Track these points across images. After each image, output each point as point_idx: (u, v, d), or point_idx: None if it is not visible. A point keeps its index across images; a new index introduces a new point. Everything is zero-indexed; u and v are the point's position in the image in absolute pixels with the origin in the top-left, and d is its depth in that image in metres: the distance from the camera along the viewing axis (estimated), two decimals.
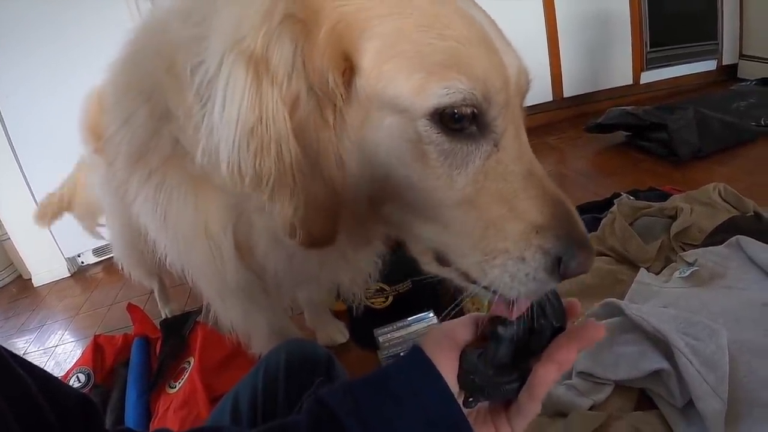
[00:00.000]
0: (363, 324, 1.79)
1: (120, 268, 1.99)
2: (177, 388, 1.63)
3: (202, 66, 0.72)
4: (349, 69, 0.68)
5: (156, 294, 2.24)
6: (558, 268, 0.66)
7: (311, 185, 0.71)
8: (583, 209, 2.29)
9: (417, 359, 0.64)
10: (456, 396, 0.63)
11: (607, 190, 2.41)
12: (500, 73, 0.68)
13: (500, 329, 0.64)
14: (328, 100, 0.68)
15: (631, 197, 2.22)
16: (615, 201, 2.16)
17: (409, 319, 1.65)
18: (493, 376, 0.64)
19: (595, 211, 2.22)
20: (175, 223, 1.00)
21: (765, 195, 2.14)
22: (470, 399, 0.64)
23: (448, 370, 0.64)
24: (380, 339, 1.61)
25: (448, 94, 0.64)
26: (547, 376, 0.60)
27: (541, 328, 0.64)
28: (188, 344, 1.80)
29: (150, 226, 1.09)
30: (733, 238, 1.69)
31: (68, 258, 3.12)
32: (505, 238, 0.67)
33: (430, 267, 0.82)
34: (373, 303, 1.82)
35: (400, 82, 0.66)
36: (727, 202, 2.05)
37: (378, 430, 0.61)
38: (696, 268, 1.59)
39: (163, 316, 2.21)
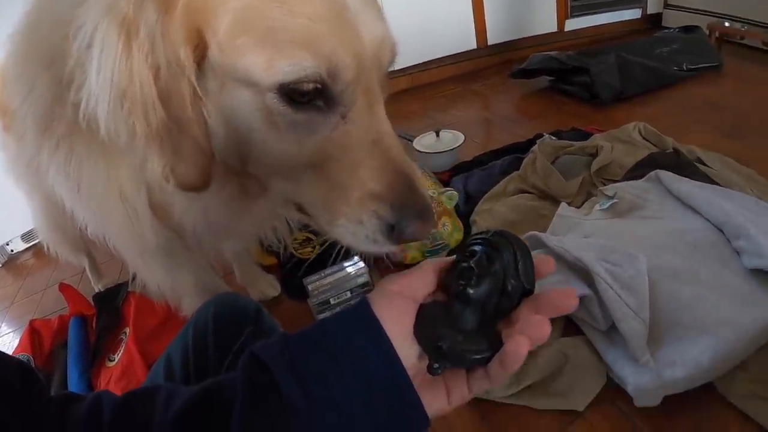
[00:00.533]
0: (293, 275, 1.76)
1: (47, 249, 1.88)
2: (116, 360, 1.60)
3: (81, 30, 0.72)
4: (202, 43, 0.70)
5: (87, 271, 2.14)
6: (392, 233, 0.71)
7: (179, 143, 0.74)
8: (505, 150, 2.32)
9: (360, 315, 0.58)
10: (405, 358, 0.56)
11: (530, 132, 2.42)
12: (350, 49, 0.69)
13: (470, 291, 0.58)
14: (182, 73, 0.70)
15: (554, 137, 2.22)
16: (537, 141, 2.15)
17: (335, 265, 1.63)
18: (462, 343, 0.57)
19: (517, 151, 2.23)
20: (88, 191, 0.98)
21: (684, 133, 2.20)
22: (436, 366, 0.57)
23: (398, 330, 0.57)
24: (309, 287, 1.58)
25: (292, 71, 0.66)
26: (521, 350, 0.54)
27: (512, 290, 0.58)
28: (123, 315, 1.75)
29: (66, 198, 1.06)
30: (653, 173, 1.71)
31: None
32: (346, 202, 0.73)
33: (293, 214, 0.92)
34: (301, 254, 1.79)
35: (251, 57, 0.68)
36: (647, 140, 2.08)
37: (314, 390, 0.55)
38: (615, 200, 1.60)
39: (97, 291, 2.11)
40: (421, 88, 3.39)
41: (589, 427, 1.18)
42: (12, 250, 2.92)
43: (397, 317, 0.57)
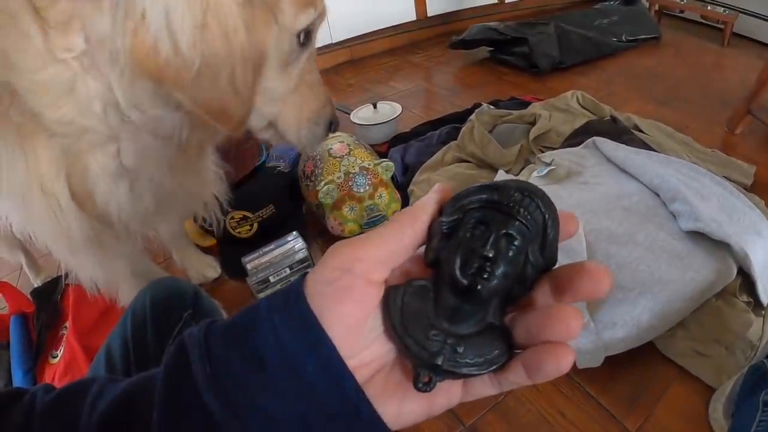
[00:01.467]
0: (232, 255, 1.70)
1: None
2: (58, 357, 1.52)
3: None
4: None
5: (25, 267, 2.01)
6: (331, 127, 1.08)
7: (245, 76, 0.82)
8: (443, 120, 2.29)
9: (292, 310, 0.41)
10: (360, 357, 0.42)
11: (469, 102, 2.40)
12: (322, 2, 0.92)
13: (479, 284, 0.39)
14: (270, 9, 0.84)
15: (492, 107, 2.19)
16: (475, 111, 2.12)
17: (273, 242, 1.58)
18: (465, 352, 0.41)
19: (455, 121, 2.20)
20: (8, 187, 0.95)
21: (622, 102, 2.24)
22: (425, 382, 0.40)
23: (347, 325, 0.40)
24: (248, 266, 1.54)
25: (305, 22, 0.89)
26: (563, 364, 0.38)
27: (532, 273, 0.41)
28: (62, 309, 1.66)
29: None
30: (590, 140, 1.70)
31: None
32: (311, 112, 1.02)
33: (264, 134, 1.04)
34: (239, 233, 1.73)
35: (291, 14, 0.87)
36: (585, 108, 2.08)
37: (237, 400, 0.41)
38: (553, 167, 1.58)
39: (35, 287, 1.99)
40: (360, 61, 3.32)
41: (533, 389, 1.18)
42: None
43: (345, 310, 0.40)
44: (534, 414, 1.14)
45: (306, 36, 0.91)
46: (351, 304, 0.40)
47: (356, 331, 0.40)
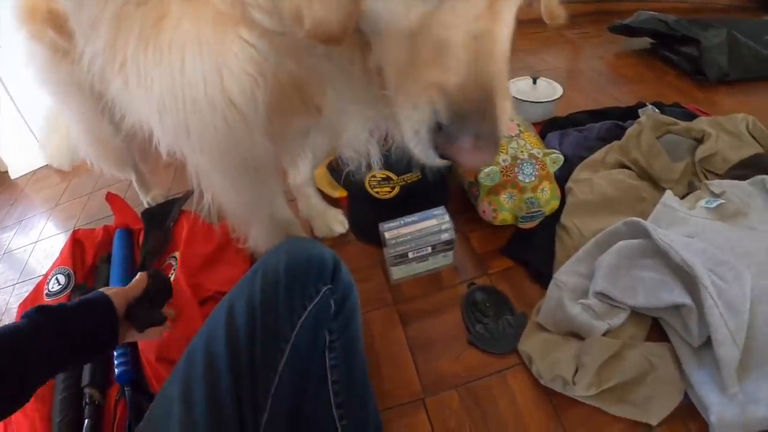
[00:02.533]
0: (365, 214, 1.66)
1: (89, 164, 1.79)
2: None
3: None
4: None
5: (135, 184, 2.05)
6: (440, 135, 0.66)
7: None
8: (603, 113, 2.20)
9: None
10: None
11: (625, 95, 2.31)
12: None
13: None
14: None
15: (656, 110, 2.09)
16: (640, 111, 2.04)
17: (417, 214, 1.50)
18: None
19: (616, 117, 2.10)
20: (185, 91, 0.85)
21: None
22: None
23: None
24: (386, 234, 1.45)
25: None
26: None
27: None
28: (173, 237, 1.65)
29: (138, 100, 0.94)
30: (759, 177, 1.60)
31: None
32: (414, 81, 0.67)
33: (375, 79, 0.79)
34: (377, 192, 1.68)
35: None
36: (754, 137, 1.95)
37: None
38: (722, 201, 1.50)
39: (145, 206, 2.03)
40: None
41: None
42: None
43: None
44: None
45: None
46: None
47: None
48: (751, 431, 1.10)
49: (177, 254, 1.54)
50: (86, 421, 1.15)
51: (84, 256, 1.66)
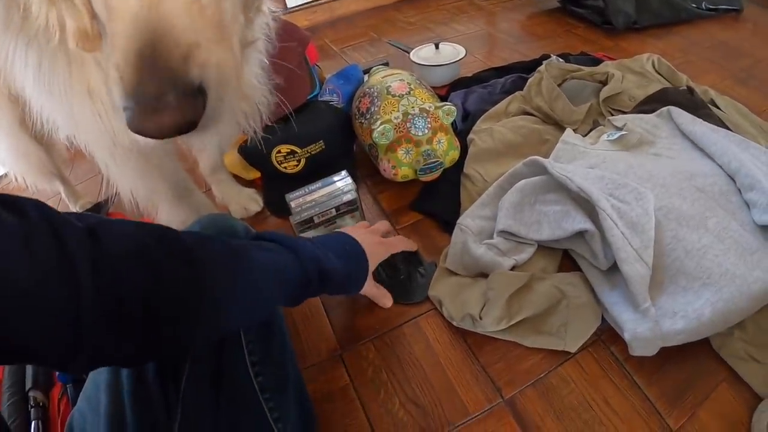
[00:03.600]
0: (276, 190, 1.64)
1: (15, 180, 1.73)
2: None
3: None
4: None
5: (63, 195, 1.99)
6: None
7: None
8: (508, 68, 2.19)
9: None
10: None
11: (536, 53, 2.29)
12: None
13: None
14: None
15: (561, 60, 2.08)
16: (543, 62, 2.02)
17: (320, 181, 1.51)
18: None
19: (521, 71, 2.09)
20: (57, 88, 0.94)
21: (697, 74, 2.08)
22: None
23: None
24: (292, 204, 1.46)
25: None
26: None
27: None
28: None
29: (34, 98, 1.03)
30: (664, 109, 1.60)
31: None
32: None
33: None
34: (285, 168, 1.66)
35: None
36: (660, 74, 1.96)
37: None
38: (624, 132, 1.49)
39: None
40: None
41: (580, 370, 1.13)
42: None
43: None
44: (577, 396, 1.08)
45: None
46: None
47: None
48: (669, 344, 1.08)
49: None
50: (33, 422, 1.17)
51: None
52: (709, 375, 1.10)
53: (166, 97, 0.57)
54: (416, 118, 1.54)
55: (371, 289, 1.26)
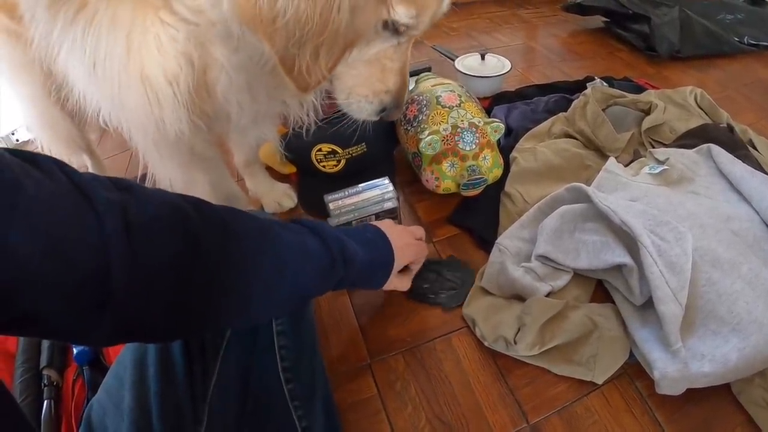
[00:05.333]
0: (313, 188, 1.65)
1: (40, 147, 1.70)
2: None
3: None
4: None
5: (90, 168, 1.96)
6: (382, 112, 1.10)
7: (333, 47, 0.85)
8: (552, 87, 2.20)
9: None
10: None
11: (576, 71, 2.33)
12: (432, 17, 0.97)
13: None
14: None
15: (605, 83, 2.09)
16: (588, 84, 2.03)
17: (361, 185, 1.49)
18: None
19: (565, 91, 2.10)
20: (105, 70, 0.95)
21: (736, 111, 2.06)
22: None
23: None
24: (330, 205, 1.45)
25: (403, 18, 0.92)
26: None
27: None
28: None
29: (78, 79, 1.04)
30: (705, 146, 1.61)
31: (2, 137, 2.71)
32: (368, 89, 1.05)
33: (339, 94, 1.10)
34: (324, 167, 1.66)
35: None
36: (702, 109, 1.96)
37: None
38: (666, 167, 1.50)
39: None
40: (466, 6, 3.20)
41: (604, 402, 1.14)
42: (17, 140, 2.74)
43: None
44: (599, 428, 1.10)
45: (394, 28, 0.94)
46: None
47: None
48: (695, 386, 1.10)
49: None
50: (45, 402, 1.14)
51: None
52: (726, 419, 1.11)
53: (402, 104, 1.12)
54: (465, 132, 1.55)
55: (396, 281, 1.21)
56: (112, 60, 0.93)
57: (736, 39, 2.76)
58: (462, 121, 1.57)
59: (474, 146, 1.55)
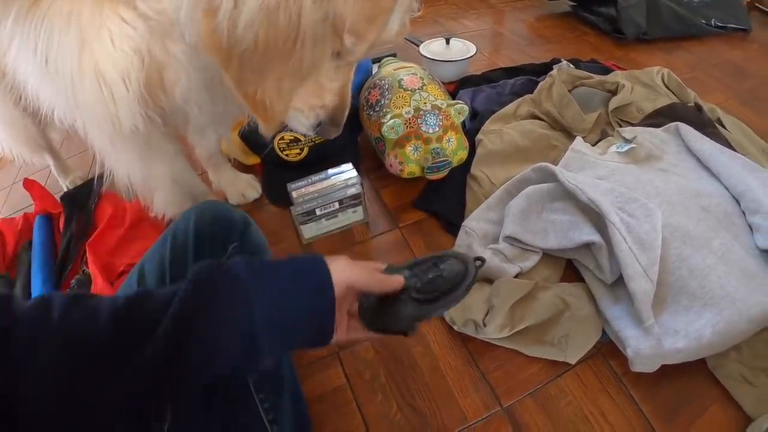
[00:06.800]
0: (277, 178, 1.62)
1: (1, 150, 1.67)
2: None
3: None
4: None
5: (53, 169, 1.93)
6: (318, 127, 1.08)
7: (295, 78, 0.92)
8: (518, 70, 2.19)
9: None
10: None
11: (543, 55, 2.32)
12: (373, 45, 0.94)
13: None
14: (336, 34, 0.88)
15: (572, 65, 2.07)
16: (554, 66, 2.02)
17: (324, 172, 1.49)
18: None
19: (531, 73, 2.09)
20: (57, 66, 0.92)
21: (704, 91, 2.08)
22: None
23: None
24: (294, 194, 1.44)
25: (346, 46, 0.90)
26: None
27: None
28: (95, 218, 1.59)
29: (31, 75, 1.01)
30: (673, 124, 1.60)
31: None
32: (304, 103, 1.03)
33: None
34: (287, 155, 1.64)
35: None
36: (669, 89, 1.95)
37: (260, 271, 0.69)
38: (634, 145, 1.49)
39: (65, 189, 1.90)
40: None
41: (578, 382, 1.13)
42: None
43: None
44: (574, 408, 1.08)
45: (337, 54, 0.95)
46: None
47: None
48: (669, 362, 1.09)
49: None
50: None
51: (4, 246, 1.59)
52: (703, 394, 1.11)
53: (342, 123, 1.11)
54: (428, 115, 1.52)
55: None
56: (65, 55, 0.90)
57: (704, 21, 2.77)
58: (425, 103, 1.54)
59: (437, 128, 1.52)
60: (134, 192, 1.29)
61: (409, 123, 1.51)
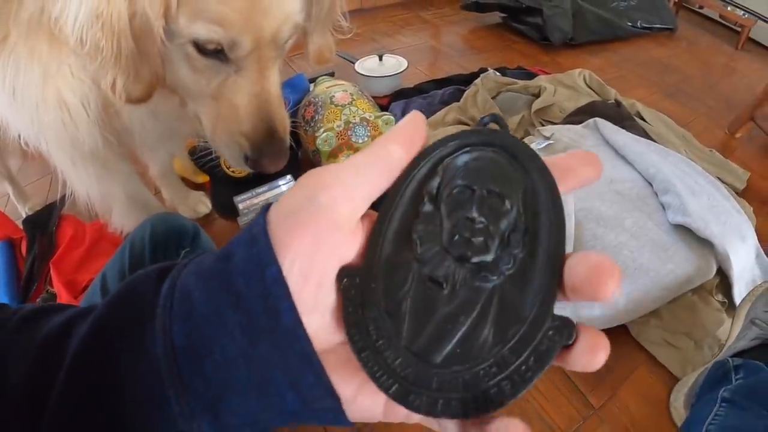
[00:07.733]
0: (224, 194, 1.71)
1: None
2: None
3: None
4: (170, 5, 0.85)
5: (12, 196, 1.94)
6: (247, 161, 1.00)
7: (140, 68, 0.90)
8: (448, 80, 2.27)
9: (256, 258, 0.33)
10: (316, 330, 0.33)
11: (476, 66, 2.38)
12: (252, 35, 0.88)
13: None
14: (152, 24, 0.84)
15: (498, 73, 2.17)
16: (480, 75, 2.11)
17: (266, 185, 1.59)
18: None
19: (460, 83, 2.18)
20: (23, 96, 1.01)
21: (628, 88, 2.23)
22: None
23: (300, 273, 0.32)
24: (240, 206, 1.54)
25: (204, 35, 0.87)
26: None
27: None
28: (57, 240, 1.62)
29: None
30: (591, 120, 1.70)
31: None
32: (223, 130, 0.98)
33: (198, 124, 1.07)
34: (233, 172, 1.72)
35: (183, 21, 0.86)
36: (591, 88, 2.07)
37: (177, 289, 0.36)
38: (551, 141, 1.58)
39: (24, 216, 1.92)
40: (369, 11, 3.25)
41: None
42: None
43: (300, 248, 0.32)
44: None
45: (214, 51, 0.90)
46: (308, 241, 0.32)
47: (312, 277, 0.32)
48: None
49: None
50: None
51: None
52: (628, 359, 1.20)
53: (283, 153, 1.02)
54: (357, 127, 1.62)
55: None
56: (30, 87, 0.98)
57: (630, 24, 2.93)
58: (354, 117, 1.64)
59: (366, 138, 1.62)
60: (94, 209, 1.35)
61: (341, 135, 1.61)
